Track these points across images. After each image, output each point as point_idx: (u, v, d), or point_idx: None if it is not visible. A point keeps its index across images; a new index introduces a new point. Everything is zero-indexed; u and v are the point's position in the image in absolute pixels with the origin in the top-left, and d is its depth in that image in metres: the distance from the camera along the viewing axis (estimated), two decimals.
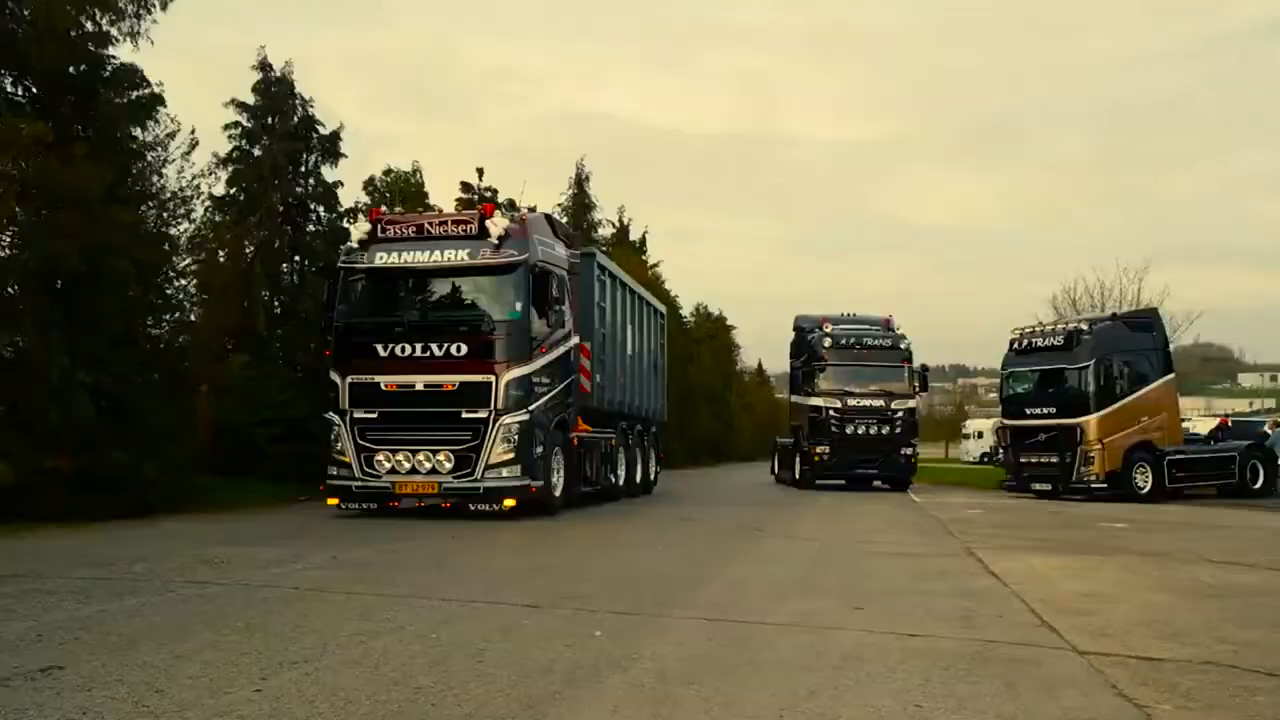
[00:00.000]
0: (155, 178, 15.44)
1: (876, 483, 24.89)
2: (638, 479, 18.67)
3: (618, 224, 44.59)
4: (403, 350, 12.71)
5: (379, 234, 13.29)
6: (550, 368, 13.35)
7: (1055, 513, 17.10)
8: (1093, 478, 21.05)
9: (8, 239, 13.20)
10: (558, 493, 13.54)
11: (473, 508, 12.46)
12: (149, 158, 15.07)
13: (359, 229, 13.52)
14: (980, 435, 75.34)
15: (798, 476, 25.16)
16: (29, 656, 4.65)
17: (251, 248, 19.94)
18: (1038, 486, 22.09)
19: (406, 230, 13.27)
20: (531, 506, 12.62)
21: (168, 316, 15.57)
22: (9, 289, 13.03)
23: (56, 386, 12.00)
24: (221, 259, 18.84)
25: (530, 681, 4.35)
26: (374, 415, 12.68)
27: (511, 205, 13.77)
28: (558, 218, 15.56)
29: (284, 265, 20.53)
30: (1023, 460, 22.66)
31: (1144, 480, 21.40)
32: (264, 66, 21.28)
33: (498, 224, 12.78)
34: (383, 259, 13.13)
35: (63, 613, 5.80)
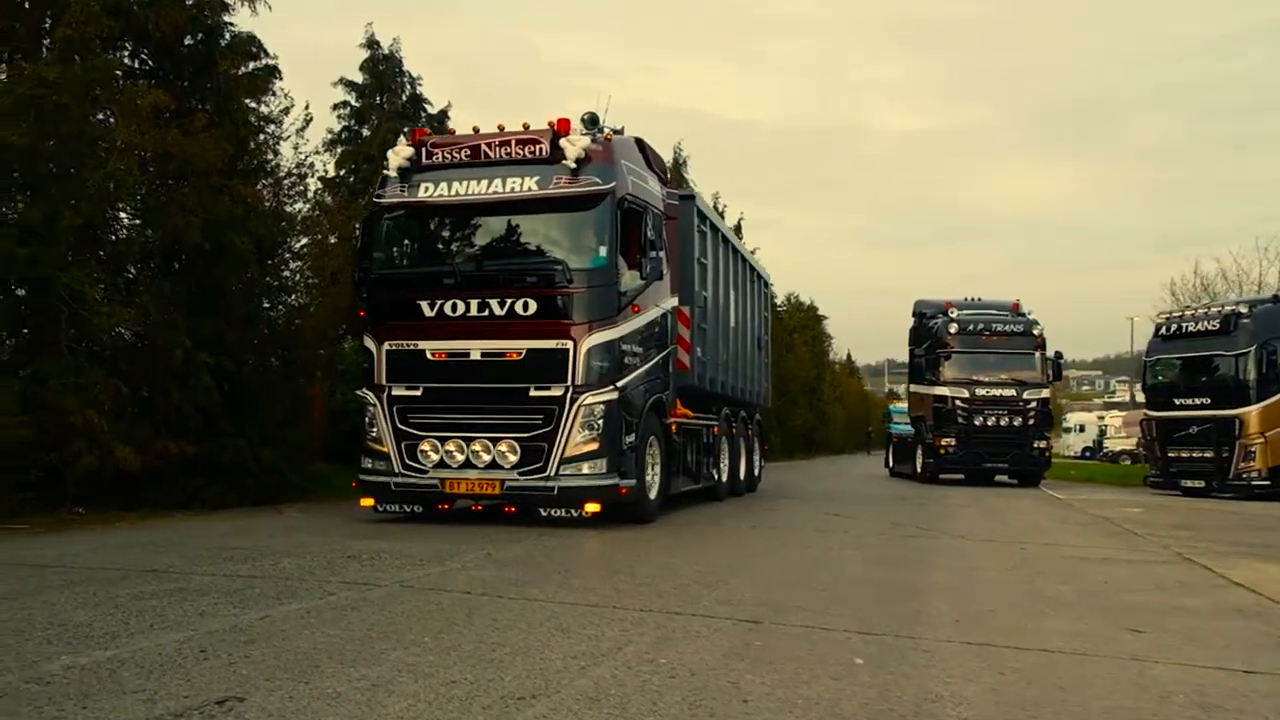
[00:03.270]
0: (270, 154, 14.88)
1: (1000, 477, 23.43)
2: (741, 474, 16.15)
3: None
4: (454, 309, 10.05)
5: (423, 160, 10.49)
6: (643, 333, 10.63)
7: (1227, 512, 15.59)
8: (1254, 474, 19.30)
9: (125, 217, 12.77)
10: (653, 494, 10.89)
11: (544, 513, 9.84)
12: (265, 133, 14.49)
13: (399, 154, 10.61)
14: (1083, 429, 72.76)
15: (919, 469, 23.83)
16: (199, 681, 3.84)
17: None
18: (1188, 483, 20.39)
19: (458, 154, 10.42)
20: (619, 510, 10.11)
21: (285, 299, 15.02)
22: (129, 269, 12.59)
23: (179, 368, 11.47)
24: (333, 241, 18.30)
25: None
26: (417, 393, 10.13)
27: (594, 122, 10.44)
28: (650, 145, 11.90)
29: None
30: (1170, 455, 20.99)
31: None
32: (371, 44, 20.82)
33: (575, 144, 9.95)
34: (428, 191, 10.40)
35: (221, 620, 5.02)
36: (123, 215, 12.61)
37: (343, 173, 20.03)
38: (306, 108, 15.28)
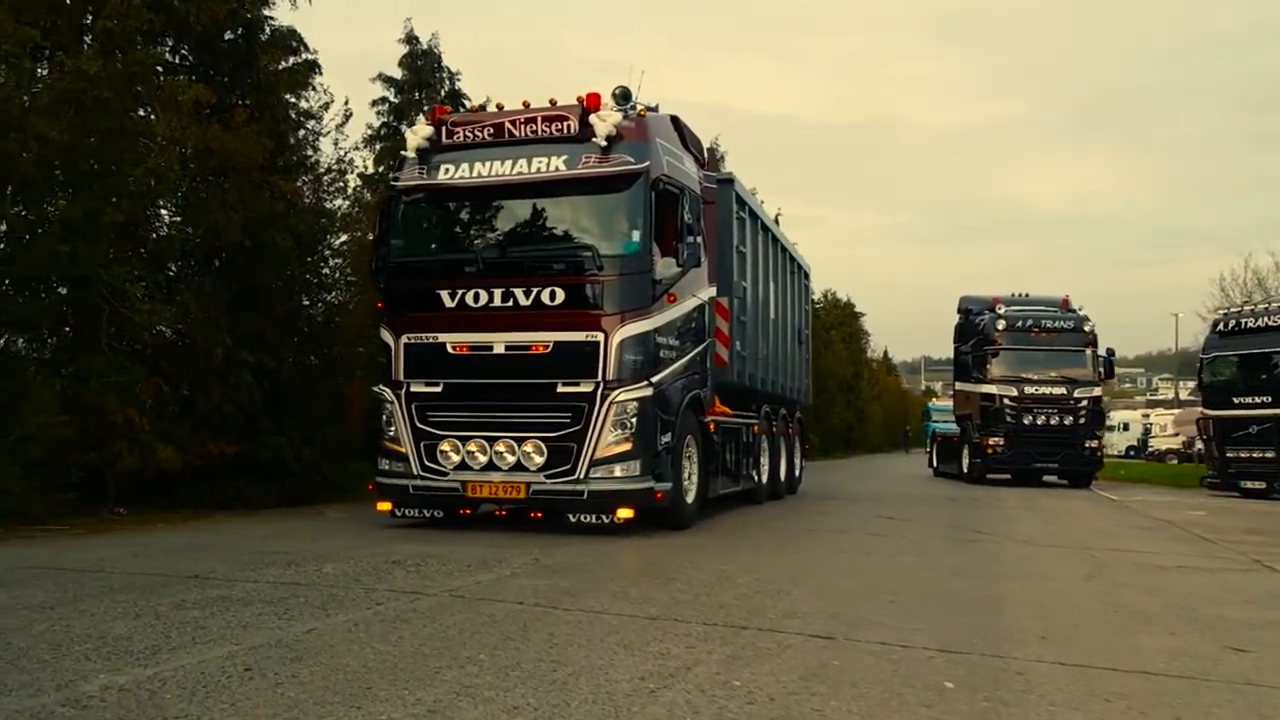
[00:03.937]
0: (310, 150, 14.75)
1: (1048, 477, 22.85)
2: (781, 475, 15.30)
3: None
4: (476, 299, 9.33)
5: (443, 140, 9.80)
6: (680, 325, 9.92)
7: None
8: None
9: (166, 214, 12.65)
10: (690, 497, 10.10)
11: (573, 518, 9.04)
12: (305, 128, 14.35)
13: (417, 133, 9.93)
14: (1126, 427, 71.31)
15: (965, 469, 23.29)
16: (245, 706, 3.58)
17: None
18: (1248, 484, 19.74)
19: (480, 133, 9.70)
20: (653, 516, 9.40)
21: (324, 296, 14.88)
22: (169, 267, 12.48)
23: (220, 366, 11.34)
24: (371, 238, 18.15)
25: None
26: (437, 389, 9.43)
27: (626, 97, 9.65)
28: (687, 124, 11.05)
29: None
30: (1229, 455, 20.33)
31: None
32: (410, 40, 20.62)
33: (606, 120, 9.20)
34: (448, 173, 9.69)
35: (265, 633, 4.77)
36: (163, 212, 12.52)
37: (382, 169, 19.78)
38: (346, 103, 15.16)
